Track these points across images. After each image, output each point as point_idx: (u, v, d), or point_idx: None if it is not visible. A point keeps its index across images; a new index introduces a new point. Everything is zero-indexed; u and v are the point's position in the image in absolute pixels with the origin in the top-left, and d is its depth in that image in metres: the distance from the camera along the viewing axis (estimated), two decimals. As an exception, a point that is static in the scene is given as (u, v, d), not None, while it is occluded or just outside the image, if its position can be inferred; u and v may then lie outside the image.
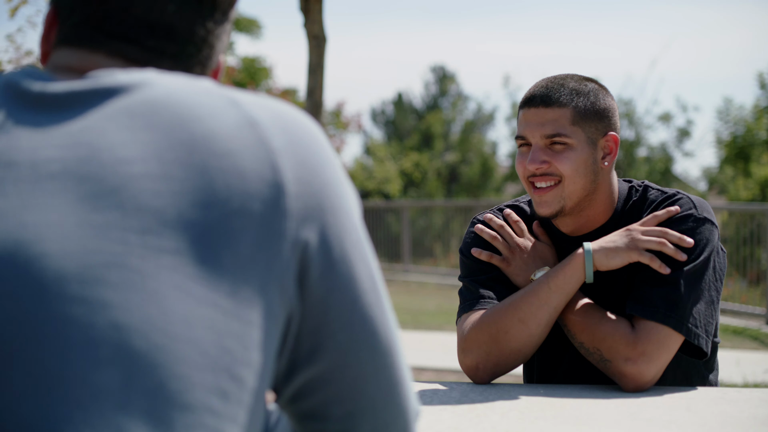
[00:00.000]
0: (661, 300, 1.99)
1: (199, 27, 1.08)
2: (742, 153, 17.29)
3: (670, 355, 1.99)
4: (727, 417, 1.78)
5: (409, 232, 16.43)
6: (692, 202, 2.09)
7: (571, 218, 2.14)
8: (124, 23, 1.05)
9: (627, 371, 1.96)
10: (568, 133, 2.07)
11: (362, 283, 1.01)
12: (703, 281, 2.03)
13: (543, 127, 2.08)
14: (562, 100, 2.08)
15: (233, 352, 0.92)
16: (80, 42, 1.06)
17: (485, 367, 2.08)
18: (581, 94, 2.09)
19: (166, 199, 0.92)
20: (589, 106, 2.09)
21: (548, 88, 2.10)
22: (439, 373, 6.79)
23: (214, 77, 1.13)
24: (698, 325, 2.00)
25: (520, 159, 2.13)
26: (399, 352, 1.05)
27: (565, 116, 2.07)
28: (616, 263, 2.02)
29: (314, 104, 6.65)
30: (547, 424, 1.72)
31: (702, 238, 2.04)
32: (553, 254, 2.17)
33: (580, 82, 2.11)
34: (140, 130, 0.95)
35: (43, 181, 0.93)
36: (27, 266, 0.89)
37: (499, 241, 2.18)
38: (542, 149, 2.08)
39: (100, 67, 1.04)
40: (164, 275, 0.90)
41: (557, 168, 2.07)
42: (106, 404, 0.86)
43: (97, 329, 0.87)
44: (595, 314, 2.04)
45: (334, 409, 1.03)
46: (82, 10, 1.07)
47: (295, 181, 0.98)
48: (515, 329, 2.04)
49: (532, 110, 2.10)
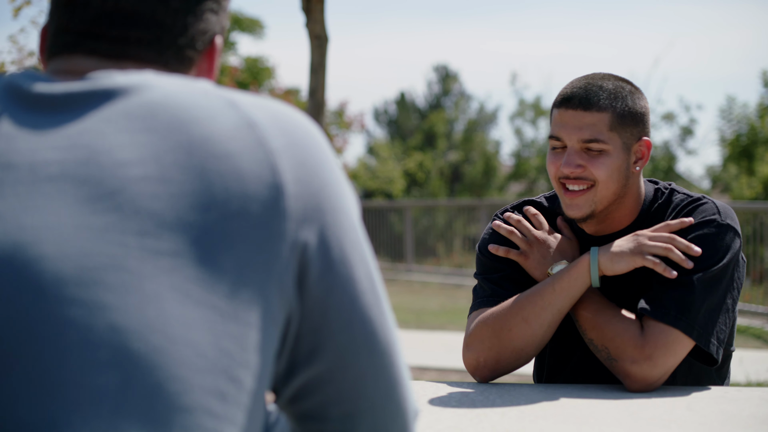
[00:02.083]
0: (674, 302, 1.98)
1: (161, 8, 1.06)
2: (745, 151, 17.26)
3: (677, 359, 1.98)
4: (727, 416, 1.78)
5: (412, 232, 16.43)
6: (717, 208, 2.07)
7: (596, 220, 2.13)
8: (85, 19, 1.05)
9: (632, 372, 1.96)
10: (606, 139, 2.05)
11: (361, 284, 1.02)
12: (720, 288, 2.01)
13: (581, 131, 2.05)
14: (601, 104, 2.05)
15: (231, 354, 0.92)
16: (61, 48, 1.07)
17: (486, 363, 2.08)
18: (619, 98, 2.06)
19: (164, 202, 0.93)
20: (627, 111, 2.06)
21: (587, 90, 2.06)
22: (442, 372, 6.79)
23: (210, 59, 1.11)
24: (710, 330, 1.98)
25: (553, 159, 2.10)
26: (398, 353, 1.06)
27: (603, 121, 2.05)
28: (621, 268, 2.01)
29: (316, 104, 6.66)
30: (547, 423, 1.72)
31: (723, 245, 2.02)
32: (573, 248, 2.15)
33: (618, 84, 2.08)
34: (138, 133, 0.95)
35: (41, 183, 0.93)
36: (25, 268, 0.89)
37: (517, 236, 2.17)
38: (578, 153, 2.06)
39: (81, 68, 1.04)
40: (162, 277, 0.91)
41: (592, 173, 2.05)
42: (104, 406, 0.86)
43: (96, 331, 0.88)
44: (606, 312, 2.04)
45: (333, 409, 1.04)
46: (58, 18, 1.08)
47: (294, 182, 0.98)
48: (518, 328, 2.05)
49: (570, 112, 2.07)
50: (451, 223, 16.88)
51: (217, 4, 1.11)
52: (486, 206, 15.59)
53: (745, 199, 16.13)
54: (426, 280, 14.71)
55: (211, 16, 1.10)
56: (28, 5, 8.51)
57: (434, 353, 7.20)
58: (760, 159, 17.05)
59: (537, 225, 2.18)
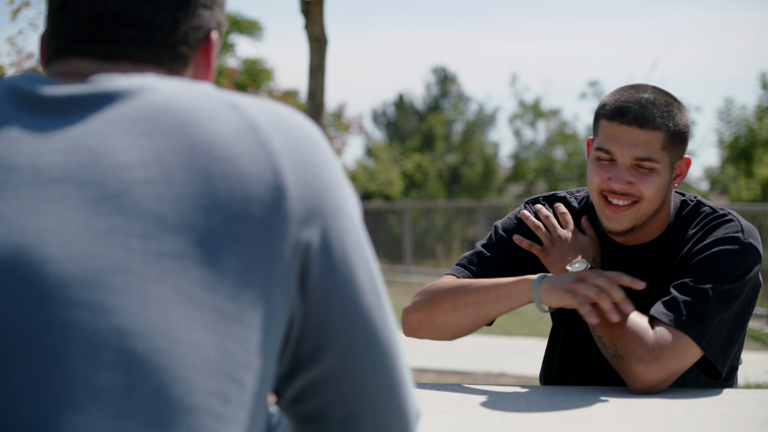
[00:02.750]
0: (687, 309, 1.98)
1: (150, 7, 1.06)
2: (744, 153, 17.27)
3: (683, 364, 1.98)
4: (727, 418, 1.78)
5: (411, 234, 16.43)
6: (741, 226, 2.07)
7: (632, 232, 2.12)
8: (76, 23, 1.06)
9: (638, 371, 1.96)
10: (657, 158, 2.04)
11: (363, 285, 1.02)
12: (734, 304, 2.01)
13: (635, 149, 2.04)
14: (656, 123, 2.04)
15: (234, 356, 0.93)
16: (57, 52, 1.08)
17: (410, 322, 2.18)
18: (671, 117, 2.05)
19: (167, 204, 0.93)
20: (677, 131, 2.06)
21: (643, 107, 2.04)
22: (441, 374, 6.79)
23: (206, 54, 1.11)
24: (719, 343, 1.99)
25: (599, 171, 2.08)
26: (399, 354, 1.06)
27: (657, 140, 2.04)
28: (553, 301, 1.99)
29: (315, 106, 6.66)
30: (547, 425, 1.72)
31: (743, 263, 2.03)
32: (594, 248, 2.15)
33: (668, 100, 2.07)
34: (141, 136, 0.96)
35: (44, 185, 0.93)
36: (29, 270, 0.89)
37: (542, 231, 2.18)
38: (628, 169, 2.05)
39: (78, 70, 1.05)
40: (166, 280, 0.91)
41: (639, 190, 2.05)
42: (108, 407, 0.87)
43: (100, 333, 0.88)
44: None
45: (334, 410, 1.04)
46: (52, 23, 1.08)
47: (296, 183, 0.98)
48: (444, 307, 2.12)
49: (624, 128, 2.04)
50: (449, 224, 16.88)
51: (210, 0, 1.11)
52: (484, 208, 15.59)
53: (744, 201, 16.14)
54: (425, 281, 14.69)
55: (204, 11, 1.10)
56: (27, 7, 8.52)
57: (433, 354, 7.20)
58: (758, 161, 17.05)
59: (563, 224, 2.19)
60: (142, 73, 1.05)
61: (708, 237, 2.06)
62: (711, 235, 2.06)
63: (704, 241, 2.06)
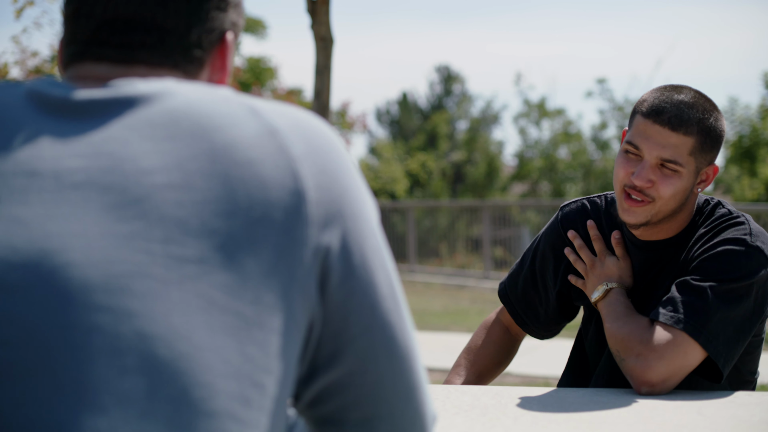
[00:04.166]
0: (684, 307, 1.99)
1: (161, 11, 1.07)
2: (747, 153, 17.25)
3: (684, 360, 1.98)
4: (738, 421, 1.79)
5: (415, 232, 16.43)
6: (750, 229, 2.07)
7: (647, 227, 2.14)
8: (89, 28, 1.07)
9: (637, 370, 1.97)
10: (683, 162, 2.05)
11: (381, 289, 1.02)
12: (739, 305, 2.01)
13: (663, 149, 2.05)
14: (689, 128, 2.04)
15: (255, 360, 0.93)
16: (72, 57, 1.08)
17: None
18: (706, 124, 2.06)
19: (188, 209, 0.93)
20: (709, 139, 2.07)
21: (680, 109, 2.05)
22: (446, 374, 6.80)
23: (221, 56, 1.12)
24: (720, 340, 1.98)
25: (625, 164, 2.10)
26: (417, 357, 1.06)
27: (686, 145, 2.05)
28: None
29: (321, 106, 6.65)
30: (559, 428, 1.73)
31: (747, 264, 2.03)
32: (620, 268, 2.18)
33: (706, 107, 2.08)
34: (162, 140, 0.96)
35: (66, 190, 0.94)
36: (52, 275, 0.90)
37: (580, 264, 2.25)
38: (653, 168, 2.06)
39: (94, 73, 1.06)
40: (188, 284, 0.91)
41: (658, 190, 2.06)
42: (131, 412, 0.87)
43: (123, 338, 0.88)
44: (622, 318, 2.06)
45: (352, 413, 1.04)
46: (67, 30, 1.09)
47: (316, 188, 0.99)
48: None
49: (657, 127, 2.05)
50: (453, 223, 16.88)
51: (223, 2, 1.11)
52: (488, 207, 15.58)
53: (747, 200, 16.12)
54: (429, 280, 14.70)
55: (217, 13, 1.10)
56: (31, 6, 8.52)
57: (438, 354, 7.19)
58: (762, 160, 17.04)
59: (596, 250, 2.23)
60: (159, 77, 1.06)
61: (715, 238, 2.07)
62: (718, 237, 2.07)
63: (711, 242, 2.07)
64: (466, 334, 8.59)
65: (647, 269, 2.16)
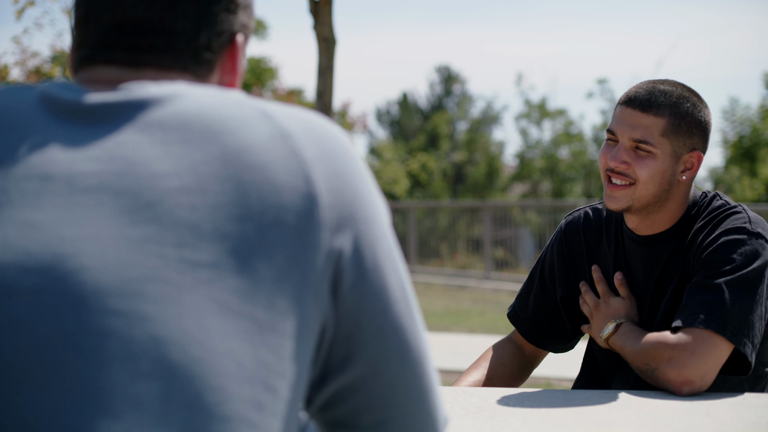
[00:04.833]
0: (701, 307, 2.00)
1: (169, 15, 1.06)
2: (747, 153, 17.27)
3: (715, 355, 1.98)
4: (747, 423, 1.78)
5: (415, 233, 16.43)
6: (748, 217, 2.10)
7: (638, 217, 2.18)
8: (98, 32, 1.06)
9: (672, 373, 1.98)
10: (655, 143, 2.10)
11: (393, 292, 1.02)
12: (752, 292, 2.03)
13: (633, 130, 2.11)
14: (659, 110, 2.10)
15: (269, 364, 0.93)
16: (81, 61, 1.08)
17: None
18: (680, 108, 2.11)
19: (201, 213, 0.93)
20: (683, 122, 2.11)
21: (650, 93, 2.12)
22: (447, 374, 6.79)
23: (232, 58, 1.11)
24: (744, 332, 2.00)
25: (605, 151, 2.17)
26: (429, 361, 1.06)
27: (656, 126, 2.10)
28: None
29: (324, 106, 6.65)
30: (568, 429, 1.72)
31: (751, 251, 2.04)
32: (625, 307, 2.20)
33: (683, 94, 2.13)
34: (174, 144, 0.96)
35: (79, 194, 0.93)
36: (65, 279, 0.89)
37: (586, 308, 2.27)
38: (627, 150, 2.12)
39: (104, 77, 1.05)
40: (201, 289, 0.91)
41: (635, 171, 2.11)
42: (145, 416, 0.87)
43: (137, 342, 0.88)
44: (641, 337, 2.08)
45: (364, 417, 1.04)
46: (77, 34, 1.09)
47: (328, 191, 0.98)
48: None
49: (629, 110, 2.13)
50: (454, 224, 16.88)
51: (233, 4, 1.10)
52: (489, 207, 15.58)
53: (748, 200, 16.13)
54: (429, 281, 14.70)
55: (227, 15, 1.10)
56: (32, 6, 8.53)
57: (439, 355, 7.19)
58: (762, 161, 17.05)
59: (599, 292, 2.24)
60: (170, 80, 1.05)
61: (715, 230, 2.10)
62: (718, 228, 2.10)
63: (711, 235, 2.09)
64: (467, 334, 8.59)
65: (650, 266, 2.18)
